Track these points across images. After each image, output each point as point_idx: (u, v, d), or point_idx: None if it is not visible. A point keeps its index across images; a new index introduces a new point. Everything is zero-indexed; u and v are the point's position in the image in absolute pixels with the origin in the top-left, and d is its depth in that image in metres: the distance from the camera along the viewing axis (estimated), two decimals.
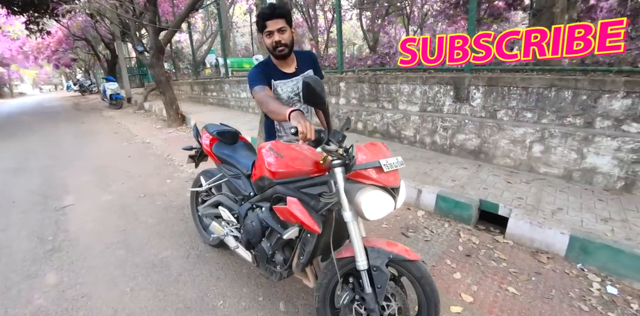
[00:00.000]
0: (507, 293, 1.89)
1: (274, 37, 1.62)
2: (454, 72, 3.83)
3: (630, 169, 2.71)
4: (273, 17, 1.58)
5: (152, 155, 5.09)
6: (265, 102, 1.51)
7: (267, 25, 1.60)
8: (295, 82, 1.79)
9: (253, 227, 1.63)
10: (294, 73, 1.79)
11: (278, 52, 1.65)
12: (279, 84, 1.76)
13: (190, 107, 9.14)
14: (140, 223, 2.84)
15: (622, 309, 1.79)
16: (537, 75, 3.09)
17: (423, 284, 1.29)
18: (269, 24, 1.59)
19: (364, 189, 1.17)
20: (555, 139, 3.02)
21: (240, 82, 7.78)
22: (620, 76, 2.73)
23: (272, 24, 1.59)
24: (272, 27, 1.60)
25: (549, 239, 2.29)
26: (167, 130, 7.10)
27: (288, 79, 1.77)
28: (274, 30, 1.61)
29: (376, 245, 1.32)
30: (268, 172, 1.46)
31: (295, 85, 1.79)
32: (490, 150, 3.45)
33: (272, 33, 1.61)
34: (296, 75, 1.79)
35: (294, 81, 1.78)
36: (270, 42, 1.63)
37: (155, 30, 6.97)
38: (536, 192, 2.82)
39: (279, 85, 1.76)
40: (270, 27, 1.60)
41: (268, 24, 1.60)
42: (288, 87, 1.78)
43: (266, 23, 1.60)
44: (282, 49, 1.65)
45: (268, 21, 1.59)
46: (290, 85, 1.78)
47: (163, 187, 3.64)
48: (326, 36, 9.35)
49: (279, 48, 1.64)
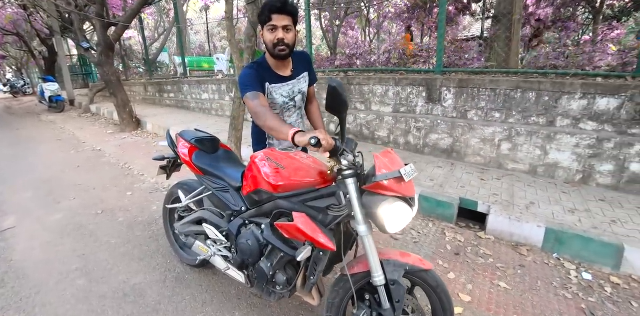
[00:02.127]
0: (500, 288, 1.97)
1: (277, 34, 1.46)
2: (425, 73, 3.95)
3: (587, 163, 2.98)
4: (282, 12, 1.43)
5: (106, 164, 4.58)
6: (262, 116, 1.37)
7: (272, 19, 1.44)
8: (291, 86, 1.66)
9: (249, 246, 1.48)
10: (290, 76, 1.65)
11: (278, 52, 1.50)
12: (274, 88, 1.62)
13: (145, 110, 8.52)
14: (102, 245, 2.48)
15: (599, 293, 1.95)
16: (504, 78, 3.28)
17: (439, 293, 1.28)
18: (275, 18, 1.44)
19: (387, 201, 1.12)
20: (522, 137, 3.23)
21: (202, 83, 7.41)
22: (577, 79, 2.99)
23: (279, 19, 1.44)
24: (278, 22, 1.44)
25: (526, 233, 2.43)
26: (121, 135, 6.53)
27: (284, 82, 1.64)
28: (280, 26, 1.45)
29: (391, 257, 1.28)
30: (268, 185, 1.34)
31: (291, 90, 1.66)
32: (462, 149, 3.61)
33: (277, 28, 1.46)
34: (292, 78, 1.66)
35: (289, 85, 1.65)
36: (272, 39, 1.47)
37: (104, 25, 6.40)
38: (508, 188, 2.99)
39: (274, 90, 1.62)
40: (276, 22, 1.44)
41: (274, 18, 1.44)
42: (284, 91, 1.65)
43: (272, 16, 1.44)
44: (284, 48, 1.49)
45: (275, 15, 1.44)
46: (286, 89, 1.65)
47: (123, 201, 3.27)
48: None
49: (280, 47, 1.48)
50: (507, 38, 4.08)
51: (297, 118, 1.79)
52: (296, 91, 1.68)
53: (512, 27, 3.81)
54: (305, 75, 1.70)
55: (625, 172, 2.84)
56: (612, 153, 2.85)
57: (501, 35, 3.86)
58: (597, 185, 2.98)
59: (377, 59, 5.05)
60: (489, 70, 3.53)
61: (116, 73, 7.07)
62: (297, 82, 1.67)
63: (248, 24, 3.77)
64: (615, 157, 2.85)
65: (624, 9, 7.04)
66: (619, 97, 2.76)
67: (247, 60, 3.87)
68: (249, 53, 3.89)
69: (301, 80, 1.69)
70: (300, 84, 1.69)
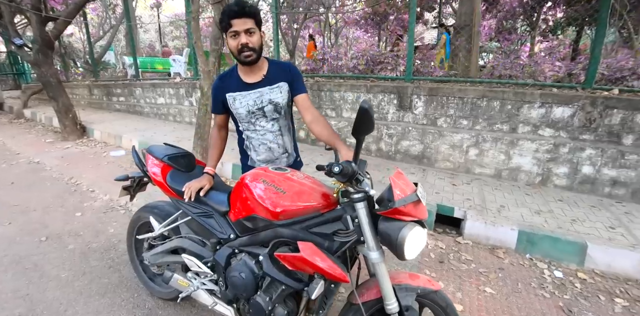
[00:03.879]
0: (487, 294, 2.04)
1: (240, 39, 1.39)
2: (392, 80, 4.04)
3: (546, 167, 3.24)
4: (241, 16, 1.35)
5: (47, 179, 3.99)
6: (210, 142, 1.66)
7: (232, 24, 1.37)
8: (258, 94, 1.52)
9: (243, 279, 1.31)
10: (259, 83, 1.52)
11: (244, 57, 1.42)
12: (237, 97, 1.51)
13: (91, 115, 7.75)
14: (50, 280, 2.09)
15: (572, 290, 2.10)
16: (471, 87, 3.46)
17: (449, 313, 1.27)
18: (235, 23, 1.36)
19: (406, 227, 1.07)
20: (487, 143, 3.42)
21: (157, 86, 6.93)
22: (535, 89, 3.24)
23: (240, 23, 1.36)
24: (238, 26, 1.37)
25: (501, 236, 2.56)
26: (63, 144, 5.81)
27: (249, 90, 1.52)
28: (241, 30, 1.38)
29: (402, 281, 1.24)
30: (265, 211, 1.22)
31: (258, 98, 1.52)
32: (433, 155, 3.74)
33: (238, 34, 1.38)
34: (261, 85, 1.52)
35: (256, 93, 1.52)
36: (235, 45, 1.40)
37: (42, 20, 5.72)
38: (478, 192, 3.14)
39: (237, 98, 1.52)
40: (237, 27, 1.37)
41: (234, 23, 1.36)
42: (249, 99, 1.52)
43: (232, 21, 1.36)
44: (250, 54, 1.41)
45: (234, 19, 1.36)
46: (252, 97, 1.52)
47: (72, 224, 2.84)
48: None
49: (245, 53, 1.40)
50: (466, 48, 4.32)
51: (273, 130, 1.60)
52: (265, 100, 1.52)
53: (472, 39, 4.04)
54: (282, 85, 1.54)
55: (578, 174, 3.13)
56: (567, 157, 3.13)
57: (464, 45, 4.07)
58: (555, 186, 3.25)
59: (344, 64, 5.08)
60: (456, 79, 3.71)
61: (56, 74, 6.36)
62: (267, 90, 1.53)
63: (214, 26, 3.59)
64: (570, 161, 3.12)
65: (557, 24, 7.86)
66: (572, 106, 3.03)
67: (213, 64, 3.68)
68: (215, 56, 3.70)
69: (275, 89, 1.54)
70: (273, 94, 1.53)
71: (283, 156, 1.67)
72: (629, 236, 2.41)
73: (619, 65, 3.34)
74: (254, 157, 1.67)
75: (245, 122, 1.58)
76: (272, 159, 1.65)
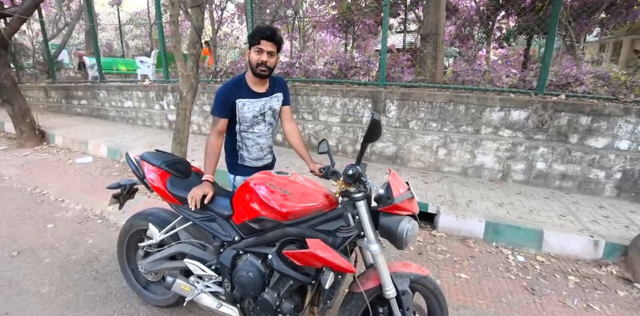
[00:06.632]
0: (462, 279, 2.28)
1: (262, 57, 1.67)
2: (365, 85, 4.26)
3: (505, 164, 3.59)
4: (270, 40, 1.66)
5: (7, 190, 3.71)
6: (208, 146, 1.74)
7: (261, 43, 1.66)
8: (264, 102, 1.82)
9: (251, 278, 1.39)
10: (265, 93, 1.83)
11: (259, 71, 1.70)
12: (247, 103, 1.78)
13: (49, 120, 7.26)
14: (29, 296, 1.98)
15: (532, 271, 2.39)
16: (439, 92, 3.75)
17: (437, 295, 1.46)
18: (263, 43, 1.66)
19: (404, 221, 1.24)
20: (454, 144, 3.73)
21: (123, 89, 6.68)
22: (495, 94, 3.59)
23: (267, 45, 1.66)
24: (265, 47, 1.66)
25: (470, 227, 2.84)
26: (21, 152, 5.41)
27: (258, 98, 1.80)
28: (265, 50, 1.67)
29: (397, 269, 1.39)
30: (274, 212, 1.32)
31: (264, 105, 1.82)
32: (405, 155, 4.00)
33: (262, 52, 1.67)
34: (267, 95, 1.84)
35: (262, 101, 1.82)
36: (257, 59, 1.68)
37: None
38: (448, 189, 3.43)
39: (246, 104, 1.78)
40: (264, 46, 1.66)
41: (262, 43, 1.66)
42: (256, 106, 1.80)
43: (261, 41, 1.65)
44: (265, 70, 1.70)
45: (264, 40, 1.65)
46: (259, 104, 1.81)
47: (45, 236, 2.69)
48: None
49: (262, 68, 1.69)
50: (432, 55, 4.65)
51: (266, 133, 1.92)
52: (267, 107, 1.83)
53: (437, 46, 4.36)
54: (279, 95, 1.89)
55: (533, 170, 3.51)
56: (523, 155, 3.50)
57: (430, 52, 4.38)
58: (513, 181, 3.61)
59: (318, 69, 5.22)
60: (425, 85, 3.99)
61: (11, 75, 5.94)
62: (269, 99, 1.84)
63: (192, 30, 3.58)
64: (526, 158, 3.50)
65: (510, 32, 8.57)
66: (527, 109, 3.40)
67: (192, 68, 3.67)
68: (193, 60, 3.69)
69: (274, 98, 1.87)
70: (273, 102, 1.86)
71: (268, 154, 2.00)
72: (577, 222, 2.78)
73: (565, 73, 3.78)
74: (245, 155, 1.90)
75: (246, 125, 1.83)
76: (261, 157, 1.95)
